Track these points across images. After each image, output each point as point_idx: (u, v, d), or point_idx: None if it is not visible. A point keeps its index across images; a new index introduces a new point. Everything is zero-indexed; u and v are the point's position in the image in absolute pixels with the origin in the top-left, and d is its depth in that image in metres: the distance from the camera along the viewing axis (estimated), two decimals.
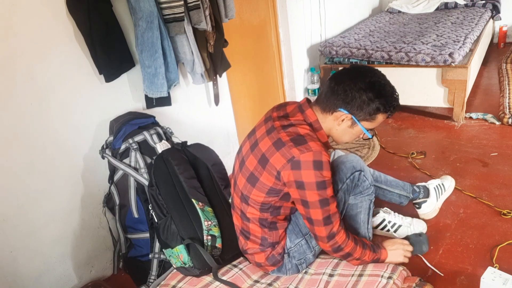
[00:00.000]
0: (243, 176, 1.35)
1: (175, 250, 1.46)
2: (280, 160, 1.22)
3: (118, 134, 1.66)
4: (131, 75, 1.82)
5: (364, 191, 1.47)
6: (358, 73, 1.31)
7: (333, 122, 1.32)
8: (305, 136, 1.23)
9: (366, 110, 1.28)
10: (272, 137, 1.26)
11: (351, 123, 1.31)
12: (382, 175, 1.74)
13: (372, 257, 1.42)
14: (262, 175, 1.28)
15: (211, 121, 2.35)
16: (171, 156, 1.58)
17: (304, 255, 1.45)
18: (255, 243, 1.41)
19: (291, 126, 1.27)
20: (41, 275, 1.62)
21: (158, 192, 1.52)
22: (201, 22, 1.85)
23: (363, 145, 2.68)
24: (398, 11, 4.55)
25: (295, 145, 1.21)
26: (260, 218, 1.36)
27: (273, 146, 1.24)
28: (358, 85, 1.26)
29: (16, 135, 1.46)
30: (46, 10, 1.48)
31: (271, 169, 1.25)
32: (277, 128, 1.27)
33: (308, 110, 1.32)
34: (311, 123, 1.31)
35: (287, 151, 1.21)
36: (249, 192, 1.33)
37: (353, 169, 1.42)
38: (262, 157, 1.27)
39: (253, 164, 1.31)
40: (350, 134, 1.36)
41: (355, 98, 1.26)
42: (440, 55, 2.69)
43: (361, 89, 1.25)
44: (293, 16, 3.03)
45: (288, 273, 1.47)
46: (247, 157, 1.35)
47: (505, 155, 2.30)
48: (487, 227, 1.77)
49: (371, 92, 1.26)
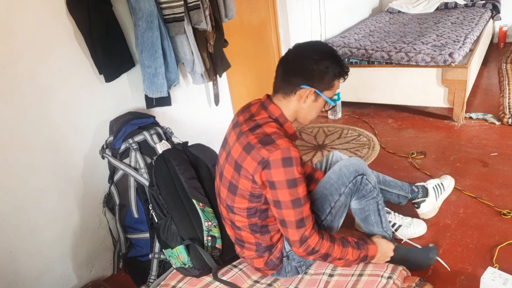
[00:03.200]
0: (224, 187, 1.35)
1: (175, 251, 1.46)
2: (252, 164, 1.21)
3: (118, 134, 1.66)
4: (131, 75, 1.82)
5: (368, 194, 1.46)
6: (306, 47, 1.31)
7: (298, 103, 1.31)
8: (272, 135, 1.22)
9: (326, 79, 1.28)
10: (241, 142, 1.26)
11: (314, 97, 1.30)
12: (380, 175, 1.74)
13: (357, 254, 1.37)
14: (240, 182, 1.27)
15: (211, 121, 2.35)
16: (172, 156, 1.58)
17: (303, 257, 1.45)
18: (251, 250, 1.41)
19: (258, 127, 1.26)
20: (41, 275, 1.62)
21: (158, 192, 1.52)
22: (201, 22, 1.85)
23: (363, 145, 2.68)
24: (398, 11, 4.55)
25: (263, 145, 1.20)
26: (250, 225, 1.35)
27: (244, 151, 1.24)
28: (312, 57, 1.26)
29: (16, 135, 1.46)
30: (46, 10, 1.48)
31: (246, 174, 1.24)
32: (245, 132, 1.26)
33: (271, 105, 1.31)
34: (276, 118, 1.31)
35: (256, 154, 1.20)
36: (233, 201, 1.32)
37: (355, 173, 1.41)
38: (236, 164, 1.27)
39: (230, 173, 1.30)
40: (315, 109, 1.35)
41: (314, 70, 1.26)
42: (440, 55, 2.70)
43: (317, 60, 1.25)
44: (293, 16, 3.03)
45: (287, 276, 1.47)
46: (224, 167, 1.34)
47: (505, 155, 2.30)
48: (487, 227, 1.77)
49: (326, 61, 1.26)
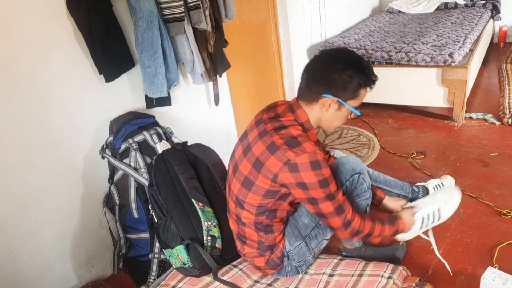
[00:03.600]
0: (237, 181, 1.35)
1: (175, 250, 1.46)
2: (276, 164, 1.21)
3: (118, 134, 1.66)
4: (131, 75, 1.82)
5: (362, 194, 1.45)
6: (330, 55, 1.31)
7: (320, 110, 1.31)
8: (298, 138, 1.23)
9: (349, 88, 1.26)
10: (265, 140, 1.25)
11: (338, 106, 1.29)
12: (381, 175, 1.74)
13: (392, 230, 1.40)
14: (257, 179, 1.27)
15: (211, 121, 2.35)
16: (172, 156, 1.58)
17: (303, 257, 1.45)
18: (252, 247, 1.41)
19: (283, 128, 1.26)
20: (41, 274, 1.62)
21: (158, 192, 1.52)
22: (201, 22, 1.85)
23: (363, 145, 2.68)
24: (398, 11, 4.55)
25: (289, 148, 1.20)
26: (255, 222, 1.35)
27: (267, 150, 1.23)
28: (335, 66, 1.25)
29: (16, 135, 1.46)
30: (46, 10, 1.48)
31: (267, 172, 1.24)
32: (270, 132, 1.26)
33: (299, 110, 1.32)
34: (302, 123, 1.31)
35: (282, 155, 1.20)
36: (245, 196, 1.32)
37: (352, 171, 1.41)
38: (256, 161, 1.26)
39: (247, 169, 1.30)
40: (339, 118, 1.35)
41: (336, 79, 1.25)
42: (440, 55, 2.70)
43: (340, 69, 1.24)
44: (293, 16, 3.03)
45: (288, 275, 1.47)
46: (240, 162, 1.34)
47: (505, 155, 2.30)
48: (487, 227, 1.77)
49: (349, 70, 1.25)
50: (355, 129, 2.94)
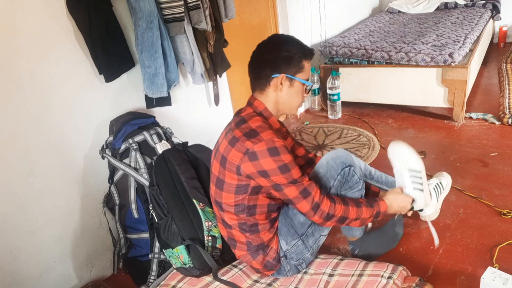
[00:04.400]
0: (212, 183, 1.39)
1: (176, 251, 1.46)
2: (237, 155, 1.26)
3: (118, 134, 1.66)
4: (131, 75, 1.82)
5: (354, 185, 1.46)
6: (264, 43, 1.40)
7: (275, 93, 1.36)
8: (257, 129, 1.27)
9: (293, 62, 1.34)
10: (227, 137, 1.32)
11: (289, 82, 1.36)
12: (383, 176, 1.74)
13: (370, 212, 1.40)
14: (225, 176, 1.31)
15: (211, 121, 2.35)
16: (172, 156, 1.58)
17: (301, 255, 1.45)
18: (242, 249, 1.42)
19: (243, 122, 1.32)
20: (41, 274, 1.62)
21: (159, 192, 1.52)
22: (201, 22, 1.85)
23: (363, 145, 2.68)
24: (398, 11, 4.55)
25: (248, 138, 1.25)
26: (239, 223, 1.37)
27: (229, 145, 1.29)
28: (272, 47, 1.36)
29: (16, 135, 1.46)
30: (46, 10, 1.48)
31: (230, 166, 1.28)
32: (232, 128, 1.32)
33: (256, 101, 1.38)
34: (261, 112, 1.37)
35: (241, 145, 1.25)
36: (220, 197, 1.36)
37: (343, 165, 1.42)
38: (222, 158, 1.32)
39: (217, 169, 1.35)
40: (295, 94, 1.39)
41: (278, 57, 1.33)
42: (440, 55, 2.70)
43: (276, 48, 1.35)
44: (293, 16, 3.03)
45: (288, 274, 1.47)
46: (212, 165, 1.40)
47: (505, 155, 2.30)
48: (487, 227, 1.77)
49: (285, 45, 1.35)
50: (355, 129, 2.94)
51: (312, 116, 3.30)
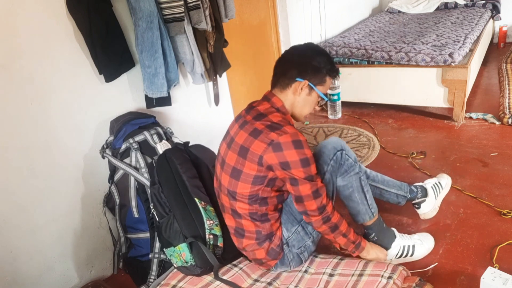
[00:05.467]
0: (226, 173, 1.40)
1: (178, 248, 1.46)
2: (261, 146, 1.28)
3: (118, 134, 1.66)
4: (131, 75, 1.82)
5: (349, 169, 1.50)
6: (300, 46, 1.45)
7: (293, 96, 1.41)
8: (279, 122, 1.31)
9: (319, 74, 1.39)
10: (247, 129, 1.34)
11: (308, 90, 1.41)
12: (379, 175, 1.74)
13: (355, 237, 1.48)
14: (245, 166, 1.33)
15: (211, 121, 2.35)
16: (174, 155, 1.58)
17: (303, 242, 1.47)
18: (251, 238, 1.43)
19: (263, 115, 1.35)
20: (41, 274, 1.62)
21: (160, 190, 1.52)
22: (201, 22, 1.85)
23: (363, 145, 2.68)
24: (398, 11, 4.55)
25: (271, 130, 1.28)
26: (250, 212, 1.39)
27: (251, 136, 1.31)
28: (308, 53, 1.41)
29: (16, 135, 1.46)
30: (46, 10, 1.48)
31: (252, 156, 1.30)
32: (250, 121, 1.35)
33: (274, 97, 1.42)
34: (278, 108, 1.40)
35: (265, 137, 1.28)
36: (235, 187, 1.37)
37: (334, 150, 1.46)
38: (241, 149, 1.33)
39: (233, 159, 1.36)
40: (309, 103, 1.44)
41: (308, 64, 1.38)
42: (440, 55, 2.70)
43: (311, 56, 1.39)
44: (293, 16, 3.03)
45: (291, 265, 1.49)
46: (226, 155, 1.40)
47: (505, 155, 2.30)
48: (487, 227, 1.77)
49: (319, 57, 1.40)
50: (355, 129, 2.94)
51: (312, 116, 3.30)
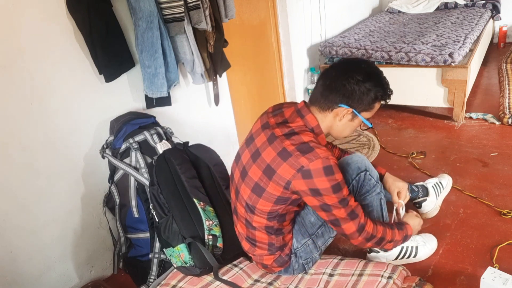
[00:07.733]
0: (246, 186, 1.33)
1: (176, 249, 1.46)
2: (289, 171, 1.20)
3: (118, 134, 1.66)
4: (131, 75, 1.82)
5: (371, 189, 1.45)
6: (351, 66, 1.32)
7: (334, 119, 1.32)
8: (310, 143, 1.22)
9: (366, 100, 1.28)
10: (275, 146, 1.24)
11: (351, 116, 1.32)
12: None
13: (401, 235, 1.44)
14: (268, 186, 1.26)
15: (211, 121, 2.35)
16: (173, 156, 1.58)
17: (310, 254, 1.46)
18: (263, 249, 1.42)
19: (294, 134, 1.25)
20: (41, 274, 1.62)
21: (159, 191, 1.52)
22: (201, 22, 1.85)
23: (363, 145, 2.68)
24: (398, 11, 4.55)
25: (302, 154, 1.19)
26: (266, 226, 1.36)
27: (279, 157, 1.22)
28: (356, 77, 1.26)
29: (16, 135, 1.46)
30: (46, 10, 1.48)
31: (278, 180, 1.23)
32: (280, 137, 1.24)
33: (309, 115, 1.31)
34: (312, 128, 1.31)
35: (295, 161, 1.19)
36: (255, 202, 1.31)
37: (358, 170, 1.40)
38: (267, 168, 1.25)
39: (257, 175, 1.28)
40: (350, 127, 1.37)
41: (355, 91, 1.26)
42: (440, 55, 2.69)
43: (360, 81, 1.26)
44: (293, 16, 3.03)
45: (294, 273, 1.48)
46: (249, 167, 1.32)
47: (505, 155, 2.30)
48: (487, 227, 1.77)
49: (369, 82, 1.26)
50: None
51: None
